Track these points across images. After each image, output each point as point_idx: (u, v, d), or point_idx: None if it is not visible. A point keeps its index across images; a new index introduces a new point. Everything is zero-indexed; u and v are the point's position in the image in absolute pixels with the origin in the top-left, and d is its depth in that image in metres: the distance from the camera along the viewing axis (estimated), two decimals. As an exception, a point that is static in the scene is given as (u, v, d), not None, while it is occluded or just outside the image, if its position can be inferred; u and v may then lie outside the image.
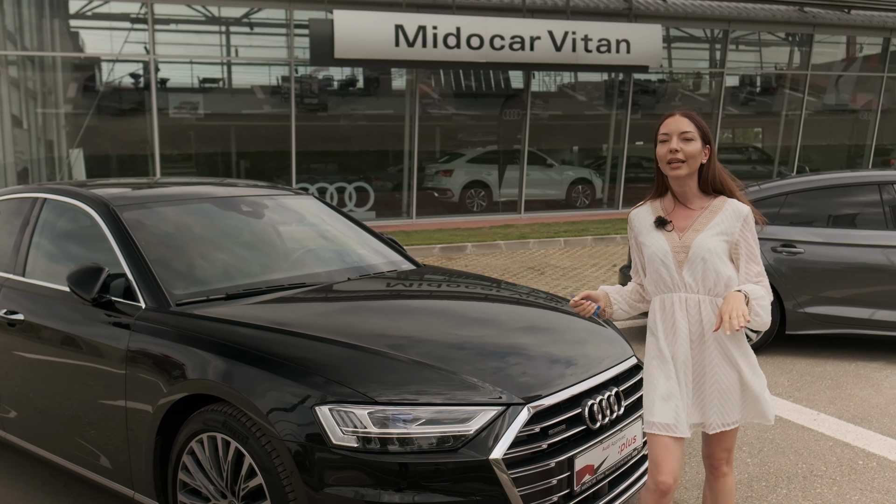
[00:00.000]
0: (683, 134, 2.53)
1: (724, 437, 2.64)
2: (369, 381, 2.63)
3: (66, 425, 3.41)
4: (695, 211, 2.60)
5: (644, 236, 2.66)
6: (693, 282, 2.55)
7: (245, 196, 4.22)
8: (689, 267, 2.55)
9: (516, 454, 2.57)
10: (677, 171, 2.55)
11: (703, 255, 2.52)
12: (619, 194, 17.11)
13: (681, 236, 2.57)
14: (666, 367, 2.58)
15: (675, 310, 2.57)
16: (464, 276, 4.34)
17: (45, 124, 15.32)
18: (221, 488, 2.80)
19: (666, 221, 2.61)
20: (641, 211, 2.71)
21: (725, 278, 2.54)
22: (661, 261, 2.59)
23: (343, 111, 16.31)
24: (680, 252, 2.56)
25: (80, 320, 3.32)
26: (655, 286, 2.64)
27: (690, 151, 2.53)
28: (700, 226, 2.56)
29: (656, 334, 2.61)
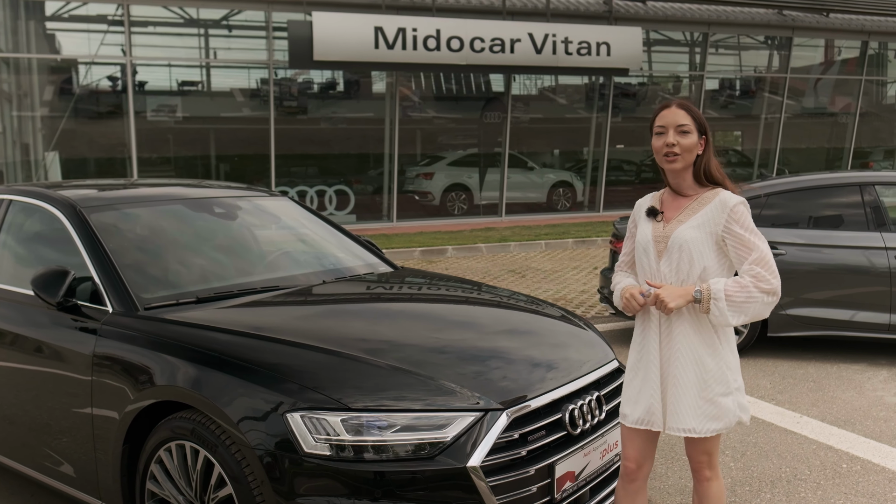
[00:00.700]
0: (680, 127, 2.50)
1: (699, 440, 2.58)
2: (345, 386, 2.55)
3: (32, 433, 3.29)
4: (686, 202, 2.57)
5: (638, 224, 2.68)
6: (668, 272, 2.54)
7: (218, 197, 4.12)
8: (667, 257, 2.54)
9: (495, 461, 2.50)
10: (673, 165, 2.53)
11: (679, 245, 2.50)
12: (599, 197, 17.12)
13: (665, 226, 2.56)
14: (639, 359, 2.61)
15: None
16: (443, 278, 4.27)
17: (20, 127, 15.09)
18: (190, 498, 2.70)
19: (657, 212, 2.61)
20: (645, 199, 2.72)
21: (700, 270, 2.49)
22: (643, 249, 2.60)
23: (323, 114, 16.21)
24: (661, 242, 2.55)
25: (46, 325, 3.21)
26: (639, 274, 2.66)
27: (687, 145, 2.50)
28: (685, 217, 2.54)
29: (638, 326, 2.65)
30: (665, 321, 2.53)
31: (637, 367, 2.61)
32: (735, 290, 2.43)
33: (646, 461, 2.61)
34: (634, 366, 2.63)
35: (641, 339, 2.61)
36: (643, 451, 2.60)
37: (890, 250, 5.58)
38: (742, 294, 2.42)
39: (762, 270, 2.44)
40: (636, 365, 2.62)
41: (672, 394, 2.51)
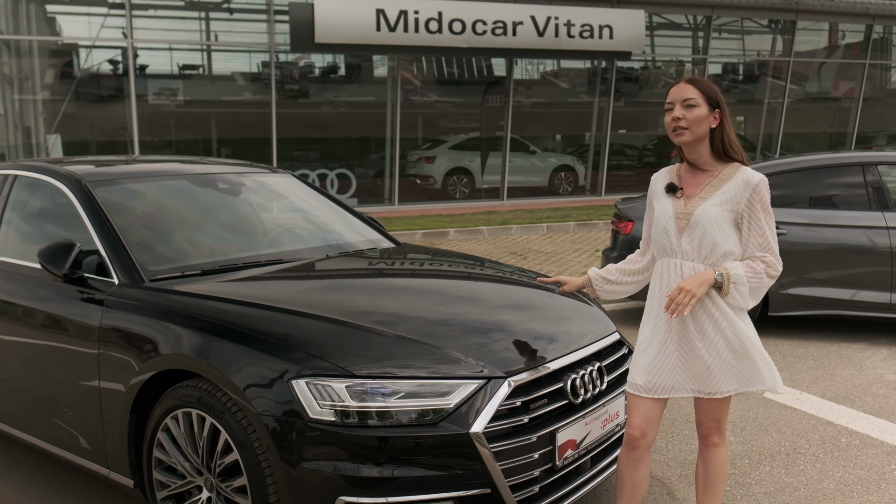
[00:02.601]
0: (686, 101, 2.52)
1: (711, 406, 2.62)
2: (350, 355, 2.58)
3: (40, 405, 3.33)
4: (706, 178, 2.58)
5: (655, 200, 2.69)
6: (690, 249, 2.55)
7: (222, 173, 4.14)
8: (689, 234, 2.54)
9: (497, 428, 2.52)
10: (681, 138, 2.54)
11: (702, 223, 2.51)
12: (601, 181, 17.10)
13: (686, 203, 2.57)
14: (654, 331, 2.62)
15: (670, 275, 2.59)
16: (445, 254, 4.29)
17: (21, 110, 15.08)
18: (197, 465, 2.74)
19: (676, 188, 2.62)
20: (661, 175, 2.73)
21: (723, 249, 2.52)
22: (663, 226, 2.61)
23: (324, 98, 16.18)
24: (682, 219, 2.56)
25: (52, 297, 3.24)
26: (657, 250, 2.67)
27: (693, 118, 2.51)
28: (707, 194, 2.55)
29: (652, 298, 2.66)
30: None
31: (652, 337, 2.61)
32: (751, 275, 2.49)
33: (650, 429, 2.63)
34: (649, 336, 2.63)
35: (658, 311, 2.61)
36: (648, 419, 2.63)
37: (892, 230, 5.60)
38: (756, 280, 2.50)
39: (772, 258, 2.53)
40: (651, 335, 2.62)
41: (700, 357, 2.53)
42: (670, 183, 2.64)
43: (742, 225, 2.53)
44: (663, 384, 2.58)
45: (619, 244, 6.38)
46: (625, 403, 3.07)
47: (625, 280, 2.85)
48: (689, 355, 2.55)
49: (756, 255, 2.52)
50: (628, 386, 2.69)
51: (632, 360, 2.71)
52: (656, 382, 2.59)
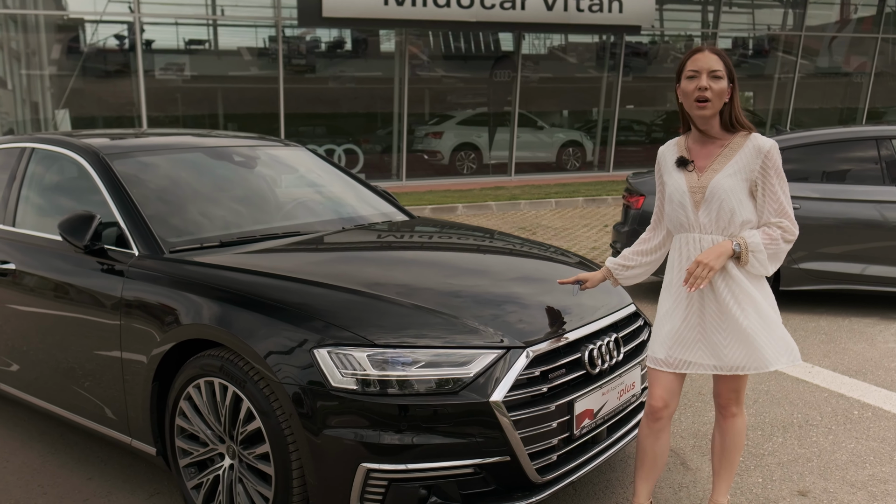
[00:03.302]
0: (713, 72, 2.49)
1: (731, 377, 2.64)
2: (370, 324, 2.60)
3: (61, 374, 3.37)
4: (716, 149, 2.57)
5: (667, 175, 2.67)
6: (708, 222, 2.54)
7: (237, 146, 4.15)
8: (705, 207, 2.54)
9: (516, 397, 2.55)
10: (703, 111, 2.51)
11: (718, 195, 2.51)
12: (609, 157, 17.04)
13: (699, 176, 2.56)
14: (674, 306, 2.63)
15: (689, 250, 2.58)
16: (458, 227, 4.30)
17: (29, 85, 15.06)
18: (219, 433, 2.78)
19: (687, 161, 2.60)
20: (669, 148, 2.71)
21: (741, 219, 2.52)
22: (678, 201, 2.59)
23: (331, 73, 16.10)
24: (697, 192, 2.55)
25: (73, 269, 3.27)
26: (674, 226, 2.66)
27: (718, 90, 2.49)
28: (719, 165, 2.54)
29: (675, 272, 2.65)
30: None
31: (672, 312, 2.62)
32: (767, 241, 2.49)
33: (672, 400, 2.65)
34: (669, 310, 2.63)
35: (677, 286, 2.61)
36: (671, 390, 2.64)
37: (904, 204, 5.59)
38: (773, 246, 2.50)
39: (788, 223, 2.53)
40: (671, 310, 2.63)
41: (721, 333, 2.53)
42: (681, 157, 2.62)
43: (756, 192, 2.53)
44: (682, 359, 2.59)
45: (630, 219, 6.38)
46: (641, 374, 3.10)
47: (643, 261, 2.85)
48: (708, 330, 2.56)
49: (772, 221, 2.52)
50: (649, 360, 2.70)
51: (652, 334, 2.72)
52: (676, 357, 2.60)
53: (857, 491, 3.20)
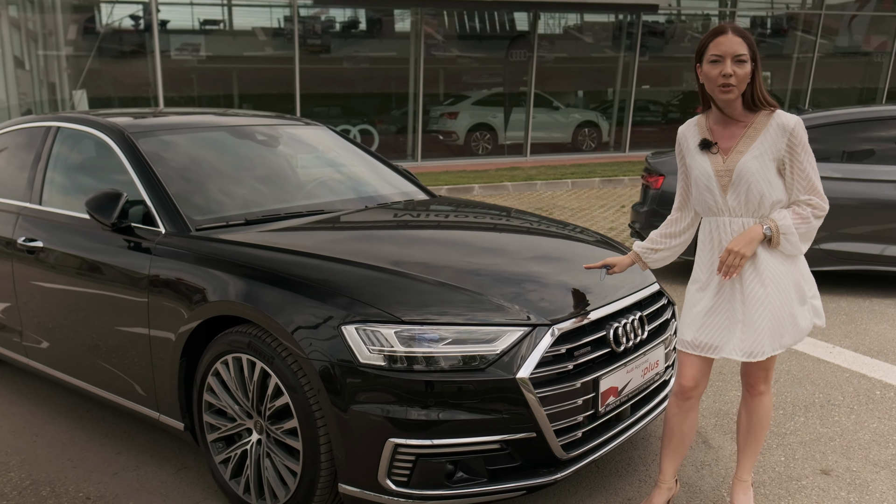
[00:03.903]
0: (738, 56, 2.42)
1: (761, 356, 2.63)
2: (397, 301, 2.61)
3: (89, 351, 3.42)
4: (739, 129, 2.52)
5: (690, 157, 2.63)
6: (737, 205, 2.51)
7: (258, 125, 4.17)
8: (733, 190, 2.50)
9: (542, 374, 2.56)
10: (728, 96, 2.46)
11: (746, 178, 2.47)
12: (625, 137, 16.95)
13: (725, 159, 2.52)
14: (703, 289, 2.62)
15: (720, 234, 2.56)
16: (480, 205, 4.30)
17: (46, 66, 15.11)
18: (247, 408, 2.81)
19: (710, 143, 2.55)
20: (689, 128, 2.65)
21: (771, 199, 2.49)
22: (705, 185, 2.55)
23: (347, 53, 16.06)
24: (724, 176, 2.51)
25: (100, 246, 3.30)
26: (702, 209, 2.63)
27: (742, 75, 2.43)
28: (744, 146, 2.49)
29: (705, 255, 2.63)
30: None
31: (702, 296, 2.61)
32: (798, 221, 2.47)
33: (702, 380, 2.66)
34: (698, 294, 2.63)
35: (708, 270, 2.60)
36: (701, 370, 2.65)
37: (927, 185, 5.54)
38: (804, 225, 2.49)
39: (817, 199, 2.50)
40: (700, 293, 2.62)
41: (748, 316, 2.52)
42: (704, 139, 2.57)
43: (785, 170, 2.49)
44: (710, 343, 2.58)
45: (649, 199, 6.36)
46: (665, 353, 3.11)
47: (671, 244, 2.81)
48: (736, 313, 2.55)
49: (801, 199, 2.49)
50: (678, 343, 2.70)
51: (681, 317, 2.72)
52: (704, 340, 2.59)
53: (880, 470, 3.20)
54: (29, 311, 3.71)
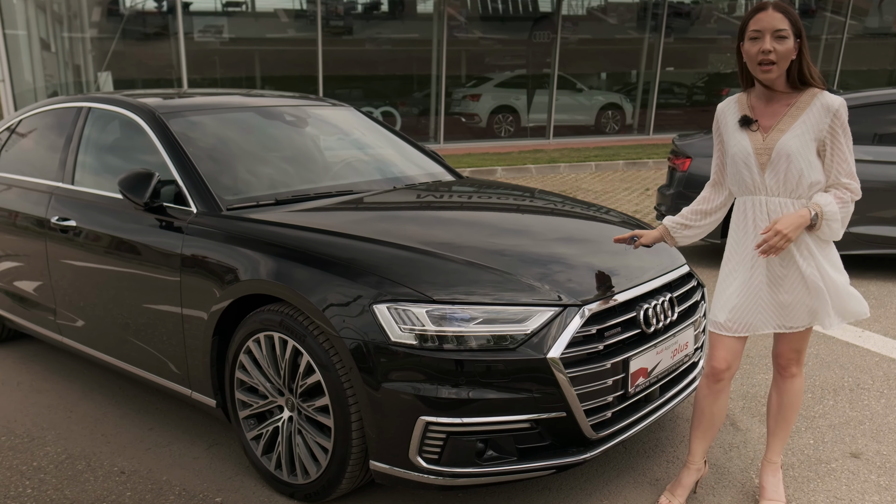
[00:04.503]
0: (777, 32, 2.37)
1: (793, 337, 2.63)
2: (424, 281, 2.62)
3: (123, 329, 3.47)
4: (782, 108, 2.48)
5: (728, 135, 2.59)
6: (775, 184, 2.48)
7: (286, 106, 4.18)
8: (772, 169, 2.47)
9: (573, 354, 2.56)
10: (768, 75, 2.42)
11: (786, 156, 2.43)
12: (649, 120, 16.81)
13: (764, 137, 2.48)
14: (737, 269, 2.60)
15: (756, 213, 2.54)
16: (507, 186, 4.30)
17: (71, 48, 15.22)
18: (279, 385, 2.84)
19: (751, 121, 2.51)
20: (729, 105, 2.62)
21: (809, 180, 2.45)
22: (743, 163, 2.52)
23: (369, 35, 16.02)
24: (763, 154, 2.48)
25: (132, 226, 3.34)
26: (738, 188, 2.60)
27: (783, 51, 2.38)
28: (785, 125, 2.46)
29: (736, 235, 2.61)
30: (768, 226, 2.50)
31: (735, 276, 2.59)
32: (839, 206, 2.44)
33: (734, 361, 2.65)
34: (731, 274, 2.61)
35: (742, 250, 2.59)
36: (733, 351, 2.63)
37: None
38: (845, 210, 2.46)
39: (855, 183, 2.48)
40: (734, 273, 2.60)
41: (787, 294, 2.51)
42: (744, 116, 2.53)
43: (825, 152, 2.46)
44: (744, 322, 2.58)
45: (675, 181, 6.31)
46: (694, 334, 3.10)
47: (702, 222, 2.79)
48: (771, 292, 2.54)
49: (841, 183, 2.46)
50: (710, 324, 2.68)
51: (714, 298, 2.70)
52: (738, 320, 2.58)
53: (910, 454, 3.18)
54: (62, 289, 3.77)
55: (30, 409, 3.72)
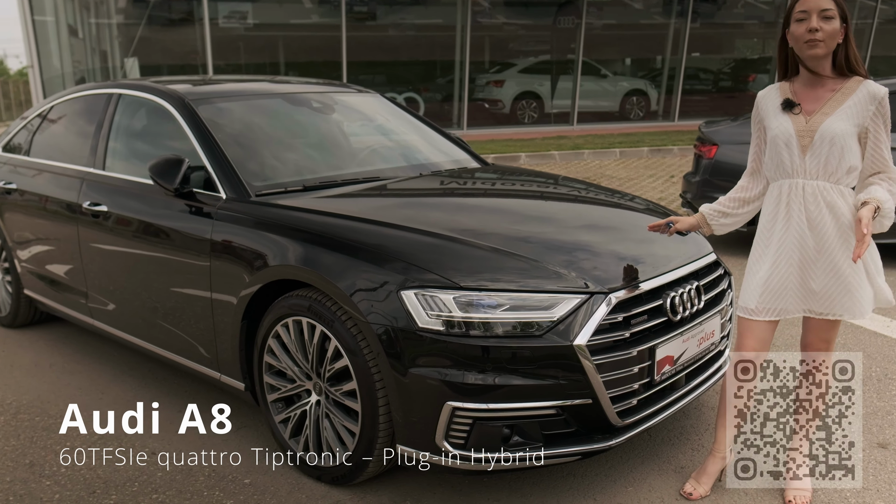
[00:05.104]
0: (824, 12, 2.40)
1: (822, 326, 2.62)
2: (451, 267, 2.63)
3: (153, 313, 3.52)
4: (826, 93, 2.50)
5: (769, 119, 2.60)
6: (814, 167, 2.48)
7: (313, 92, 4.20)
8: (813, 152, 2.47)
9: (599, 342, 2.57)
10: (814, 51, 2.44)
11: (829, 139, 2.44)
12: (675, 106, 16.66)
13: (808, 119, 2.49)
14: (767, 253, 2.59)
15: (790, 197, 2.53)
16: (533, 174, 4.30)
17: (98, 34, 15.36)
18: (306, 370, 2.88)
19: (794, 104, 2.53)
20: (770, 92, 2.64)
21: (849, 164, 2.46)
22: (784, 144, 2.53)
23: (393, 20, 16.01)
24: (805, 136, 2.49)
25: (163, 211, 3.39)
26: (774, 171, 2.60)
27: (830, 31, 2.41)
28: (830, 109, 2.47)
29: (767, 220, 2.61)
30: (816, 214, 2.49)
31: (764, 260, 2.60)
32: (888, 198, 2.41)
33: (763, 350, 2.65)
34: (761, 259, 2.61)
35: (769, 234, 2.59)
36: (762, 340, 2.64)
37: None
38: (891, 202, 2.43)
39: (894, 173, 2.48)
40: (762, 258, 2.60)
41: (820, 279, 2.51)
42: (787, 99, 2.55)
43: (865, 140, 2.46)
44: (774, 307, 2.58)
45: (702, 168, 6.27)
46: (720, 323, 3.09)
47: (741, 210, 2.79)
48: (801, 277, 2.53)
49: (885, 173, 2.46)
50: (740, 310, 2.68)
51: (743, 283, 2.70)
52: (767, 306, 2.59)
53: (939, 444, 3.16)
54: (93, 273, 3.83)
55: (62, 391, 3.79)
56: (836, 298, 2.52)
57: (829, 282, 2.51)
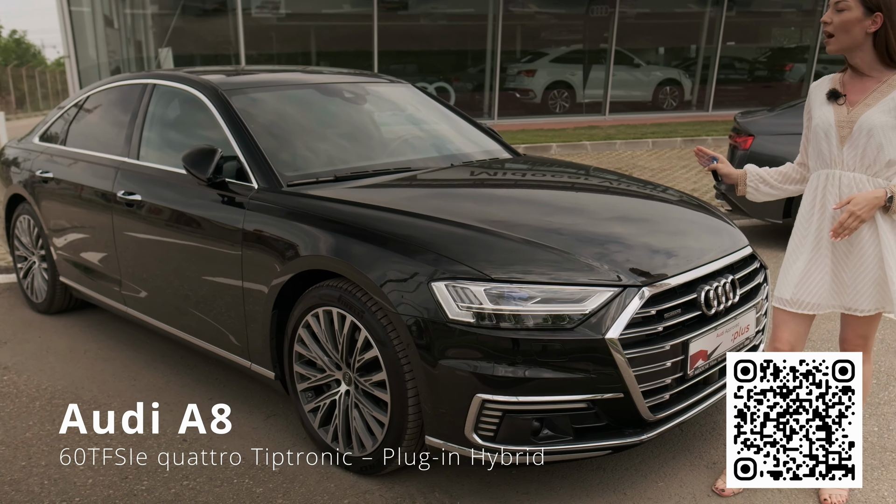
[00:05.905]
0: (837, 4, 2.36)
1: (860, 323, 2.57)
2: (482, 259, 2.62)
3: (185, 301, 3.55)
4: (872, 84, 2.45)
5: (815, 109, 2.58)
6: (852, 159, 2.44)
7: (345, 83, 4.20)
8: (851, 143, 2.44)
9: (631, 335, 2.53)
10: (827, 46, 2.42)
11: (867, 130, 2.40)
12: (709, 96, 16.43)
13: (849, 110, 2.46)
14: (804, 244, 2.55)
15: (827, 188, 2.50)
16: (565, 164, 4.26)
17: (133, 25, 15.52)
18: (336, 360, 2.88)
19: (839, 94, 2.49)
20: (822, 83, 2.61)
21: (888, 157, 2.40)
22: (823, 134, 2.50)
23: (424, 10, 15.97)
24: (844, 127, 2.45)
25: (196, 201, 3.41)
26: (815, 161, 2.58)
27: (839, 23, 2.37)
28: (872, 101, 2.42)
29: (805, 210, 2.58)
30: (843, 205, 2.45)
31: (801, 252, 2.56)
32: None
33: (798, 343, 2.61)
34: (798, 250, 2.58)
35: (809, 227, 2.55)
36: (797, 333, 2.61)
37: None
38: None
39: None
40: (800, 249, 2.57)
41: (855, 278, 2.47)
42: (833, 89, 2.52)
43: None
44: (809, 301, 2.54)
45: (737, 159, 6.16)
46: (755, 317, 3.04)
47: (781, 185, 2.79)
48: (835, 270, 2.49)
49: None
50: (775, 301, 2.65)
51: (780, 275, 2.66)
52: (802, 299, 2.55)
53: (980, 444, 3.08)
54: (127, 261, 3.87)
55: (96, 377, 3.85)
56: (869, 293, 2.47)
57: (860, 276, 2.46)
